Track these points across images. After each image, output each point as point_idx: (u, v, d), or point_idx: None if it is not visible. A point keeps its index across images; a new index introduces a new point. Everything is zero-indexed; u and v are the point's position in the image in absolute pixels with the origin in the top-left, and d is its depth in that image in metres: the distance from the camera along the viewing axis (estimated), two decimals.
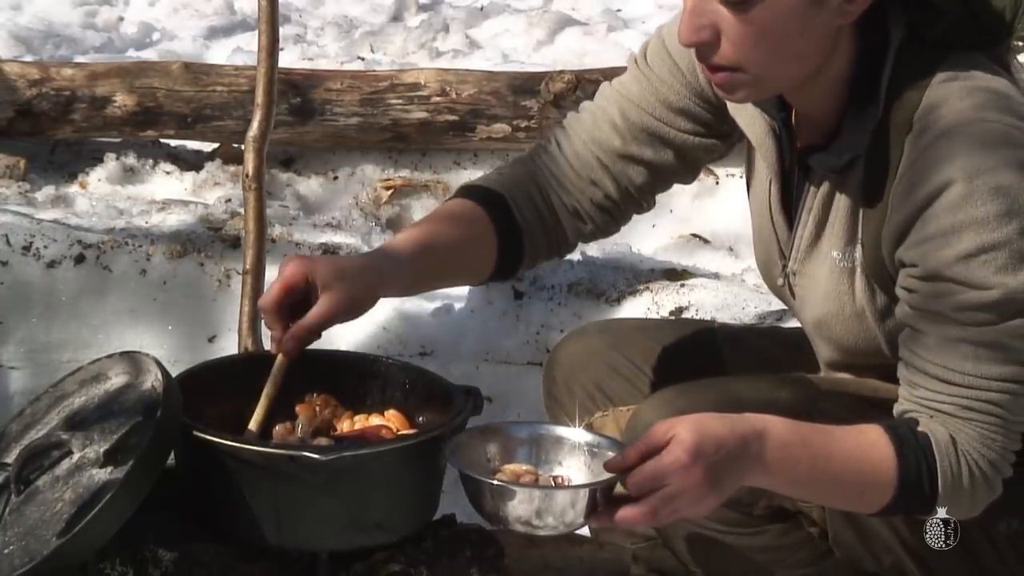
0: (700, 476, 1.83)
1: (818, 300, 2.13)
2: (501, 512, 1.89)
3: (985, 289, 1.88)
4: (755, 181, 2.24)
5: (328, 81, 4.13)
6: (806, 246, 2.13)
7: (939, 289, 1.91)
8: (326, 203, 4.04)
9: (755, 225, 2.26)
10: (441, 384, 2.19)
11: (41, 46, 4.97)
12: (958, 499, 1.96)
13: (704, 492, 1.85)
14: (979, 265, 1.87)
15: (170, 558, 1.98)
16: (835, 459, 1.93)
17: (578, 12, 5.59)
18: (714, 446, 1.84)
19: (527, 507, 1.87)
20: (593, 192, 2.30)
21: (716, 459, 1.84)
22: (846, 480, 1.94)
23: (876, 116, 1.97)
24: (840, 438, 1.95)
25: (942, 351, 1.93)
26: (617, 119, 2.28)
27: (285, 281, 2.07)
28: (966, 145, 1.90)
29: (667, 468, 1.83)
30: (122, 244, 3.38)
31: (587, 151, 2.30)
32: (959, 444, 1.94)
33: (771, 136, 2.13)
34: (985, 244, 1.87)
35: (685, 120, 2.26)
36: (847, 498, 2.00)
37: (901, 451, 1.93)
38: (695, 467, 1.83)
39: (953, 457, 1.93)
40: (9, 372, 3.25)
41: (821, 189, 2.08)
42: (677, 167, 2.30)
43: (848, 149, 2.00)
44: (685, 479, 1.83)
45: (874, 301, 2.07)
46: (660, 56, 2.26)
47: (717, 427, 1.87)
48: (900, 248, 1.95)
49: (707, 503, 1.87)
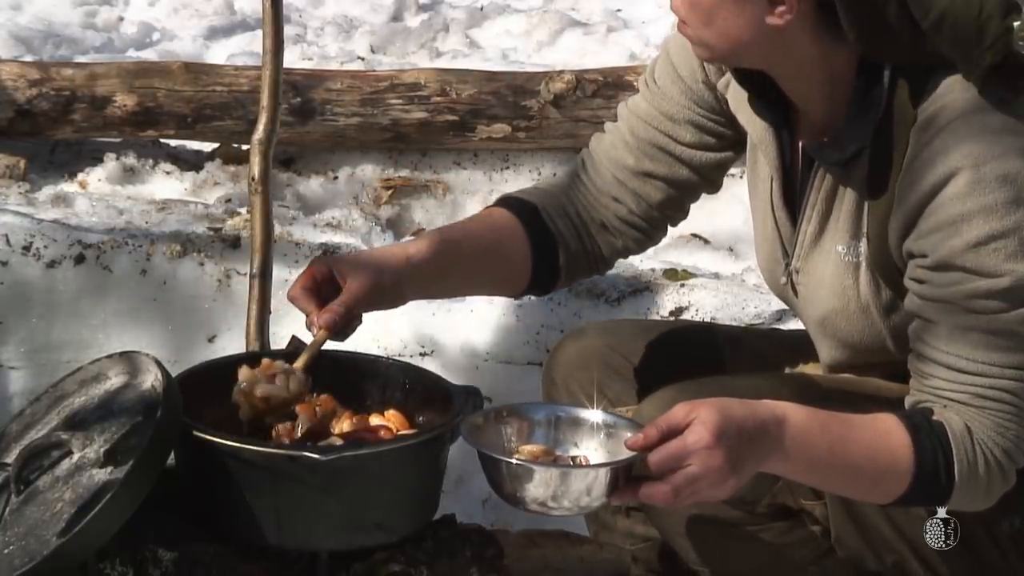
0: (722, 458, 1.83)
1: (822, 296, 2.13)
2: (519, 492, 1.88)
3: (996, 277, 1.88)
4: (757, 180, 2.24)
5: (328, 81, 4.13)
6: (810, 242, 2.13)
7: (949, 278, 1.91)
8: (326, 203, 4.04)
9: (757, 225, 2.26)
10: (441, 384, 2.20)
11: (41, 46, 4.97)
12: (973, 489, 1.95)
13: (725, 474, 1.84)
14: (989, 253, 1.88)
15: (170, 558, 1.98)
16: (853, 446, 1.93)
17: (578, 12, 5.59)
18: (736, 429, 1.84)
19: (546, 487, 1.86)
20: (617, 208, 2.32)
21: (738, 442, 1.84)
22: (863, 467, 1.94)
23: (879, 109, 1.97)
24: (858, 425, 1.94)
25: (953, 340, 1.93)
26: (628, 137, 2.31)
27: (309, 270, 2.11)
28: (971, 134, 1.90)
29: (691, 448, 1.83)
30: (122, 244, 3.38)
31: (606, 170, 2.33)
32: (974, 433, 1.93)
33: (771, 133, 2.14)
34: (994, 232, 1.87)
35: (692, 132, 2.27)
36: (863, 486, 1.98)
37: (917, 439, 1.92)
38: (718, 448, 1.82)
39: (969, 446, 1.93)
40: (9, 372, 3.25)
41: (825, 184, 2.08)
42: (693, 181, 2.32)
43: (852, 141, 2.00)
44: (708, 460, 1.83)
45: (879, 296, 2.06)
46: (664, 70, 2.29)
47: (738, 410, 1.87)
48: (908, 239, 1.95)
49: (727, 486, 1.86)
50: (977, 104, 1.93)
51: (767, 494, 2.13)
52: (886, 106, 1.97)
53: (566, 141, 4.12)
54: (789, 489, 2.13)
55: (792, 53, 1.99)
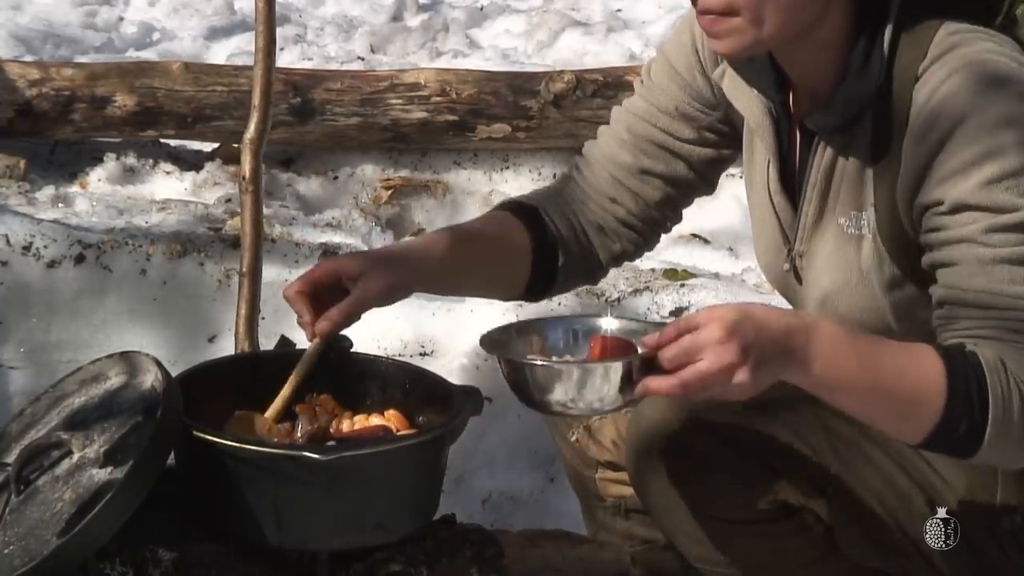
0: (735, 355, 1.78)
1: (824, 274, 2.11)
2: (538, 394, 1.86)
3: (1012, 212, 1.87)
4: (754, 168, 2.23)
5: (328, 81, 4.13)
6: (812, 223, 2.12)
7: (965, 218, 1.89)
8: (326, 203, 4.04)
9: (755, 216, 2.26)
10: (441, 384, 2.19)
11: (41, 46, 4.97)
12: (1008, 428, 1.87)
13: (738, 373, 1.79)
14: (1002, 191, 1.87)
15: (170, 558, 1.98)
16: (885, 363, 1.87)
17: (578, 12, 5.60)
18: (755, 329, 1.80)
19: (564, 385, 1.83)
20: (615, 209, 2.32)
21: (755, 342, 1.79)
22: (893, 389, 1.87)
23: (880, 71, 1.97)
24: (890, 345, 1.90)
25: (978, 277, 1.89)
26: (624, 134, 2.31)
27: (311, 276, 2.09)
28: (975, 81, 1.90)
29: (702, 342, 1.78)
30: (122, 244, 3.38)
31: (602, 170, 2.32)
32: (1008, 366, 1.87)
33: (768, 117, 2.14)
34: (1006, 171, 1.87)
35: (689, 128, 2.27)
36: (893, 409, 1.90)
37: (950, 364, 1.86)
38: (730, 344, 1.78)
39: (1003, 376, 1.86)
40: (9, 372, 3.25)
41: (824, 160, 2.07)
42: (690, 178, 2.32)
43: (853, 103, 1.99)
44: (720, 355, 1.78)
45: (881, 270, 2.05)
46: (661, 67, 2.30)
47: (762, 313, 1.83)
48: (920, 193, 1.93)
49: (741, 387, 1.80)
50: (979, 56, 1.93)
51: (769, 491, 2.13)
52: (887, 66, 1.97)
53: (566, 141, 4.13)
54: (791, 487, 2.14)
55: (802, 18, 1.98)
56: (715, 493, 2.13)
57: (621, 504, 2.43)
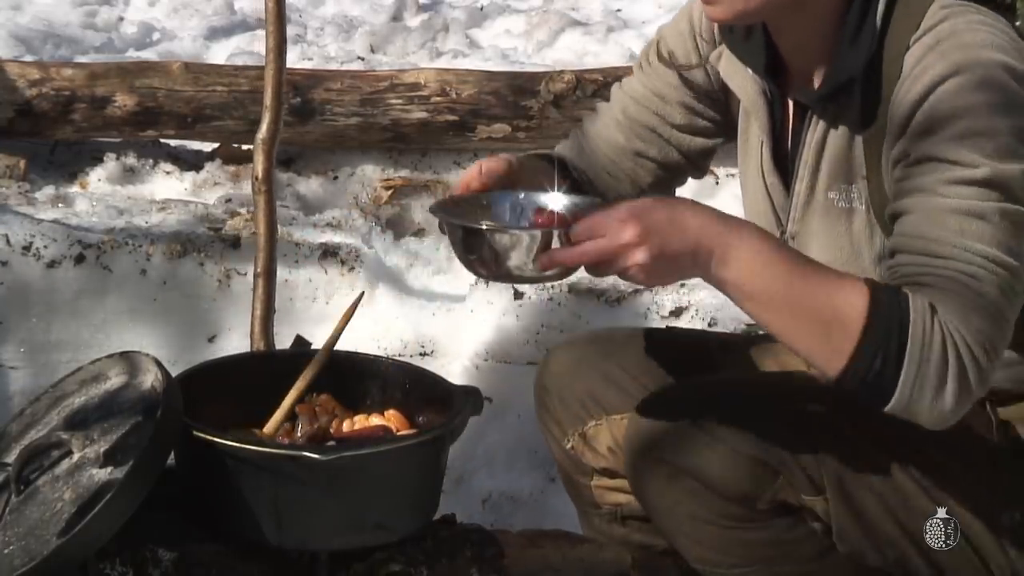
0: (633, 235, 1.84)
1: (813, 250, 2.12)
2: (466, 255, 1.93)
3: (974, 167, 1.88)
4: (748, 150, 2.26)
5: (328, 81, 4.13)
6: (803, 202, 2.14)
7: (927, 168, 1.91)
8: (326, 203, 4.04)
9: (748, 199, 2.29)
10: (441, 384, 2.20)
11: (41, 46, 4.97)
12: (925, 373, 1.85)
13: (636, 254, 1.84)
14: (969, 146, 1.89)
15: (170, 558, 1.99)
16: (810, 282, 1.88)
17: (578, 12, 5.60)
18: (666, 219, 1.86)
19: (488, 248, 1.90)
20: (610, 181, 2.38)
21: (658, 229, 1.85)
22: (814, 303, 1.88)
23: (871, 42, 1.99)
24: (820, 269, 1.92)
25: (928, 225, 1.90)
26: (620, 116, 2.37)
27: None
28: (961, 46, 1.93)
29: (607, 220, 1.86)
30: (122, 244, 3.38)
31: (598, 148, 2.39)
32: (938, 311, 1.87)
33: (763, 97, 2.17)
34: (977, 129, 1.88)
35: (682, 113, 2.33)
36: (807, 332, 1.90)
37: (875, 296, 1.87)
38: (631, 224, 1.84)
39: (928, 320, 1.86)
40: (9, 372, 3.25)
41: (815, 136, 2.09)
42: (681, 163, 2.38)
43: (843, 72, 2.01)
44: (618, 233, 1.84)
45: (872, 243, 2.07)
46: (659, 52, 2.34)
47: (689, 209, 1.88)
48: (896, 147, 1.96)
49: (638, 268, 1.85)
50: (968, 27, 1.95)
51: (769, 491, 2.13)
52: (879, 37, 1.98)
53: None
54: (791, 486, 2.14)
55: None
56: (714, 493, 2.13)
57: (617, 511, 2.44)
